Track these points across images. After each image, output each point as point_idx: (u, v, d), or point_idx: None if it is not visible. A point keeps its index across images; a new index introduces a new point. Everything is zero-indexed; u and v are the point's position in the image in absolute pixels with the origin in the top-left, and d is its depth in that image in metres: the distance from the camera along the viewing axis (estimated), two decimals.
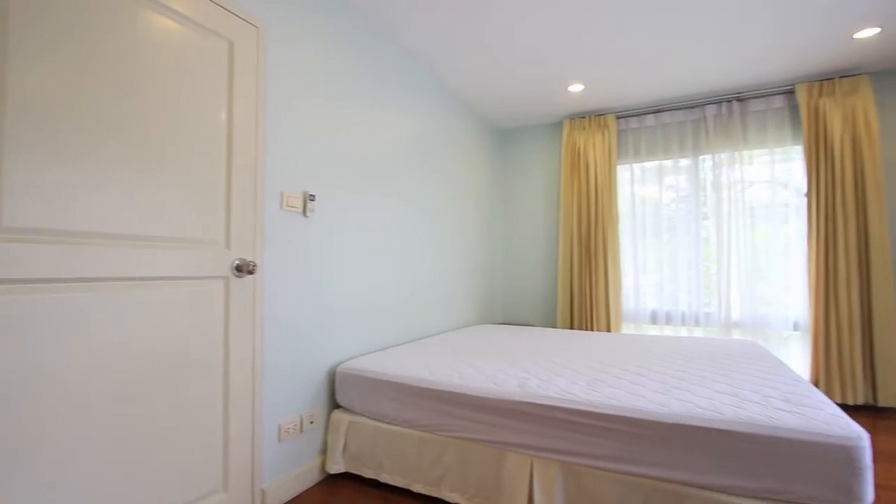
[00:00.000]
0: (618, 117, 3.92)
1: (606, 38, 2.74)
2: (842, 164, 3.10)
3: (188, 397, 1.54)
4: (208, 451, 1.61)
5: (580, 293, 3.90)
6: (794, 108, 3.38)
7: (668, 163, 3.81)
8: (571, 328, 3.95)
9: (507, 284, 4.46)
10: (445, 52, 2.93)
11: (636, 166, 3.91)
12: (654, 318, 3.79)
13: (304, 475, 2.00)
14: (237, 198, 1.72)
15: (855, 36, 2.70)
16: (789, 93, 3.38)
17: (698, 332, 3.62)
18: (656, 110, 3.78)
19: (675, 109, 3.72)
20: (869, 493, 1.27)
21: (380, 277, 2.60)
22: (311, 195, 2.05)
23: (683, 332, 3.67)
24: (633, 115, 3.87)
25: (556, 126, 4.27)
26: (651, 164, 3.87)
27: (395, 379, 1.99)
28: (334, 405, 2.20)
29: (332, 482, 2.06)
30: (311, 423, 2.06)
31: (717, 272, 3.55)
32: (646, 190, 3.90)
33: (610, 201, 3.82)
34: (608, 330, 3.76)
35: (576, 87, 3.46)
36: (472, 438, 1.78)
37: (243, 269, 1.70)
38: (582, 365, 2.14)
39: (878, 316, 2.99)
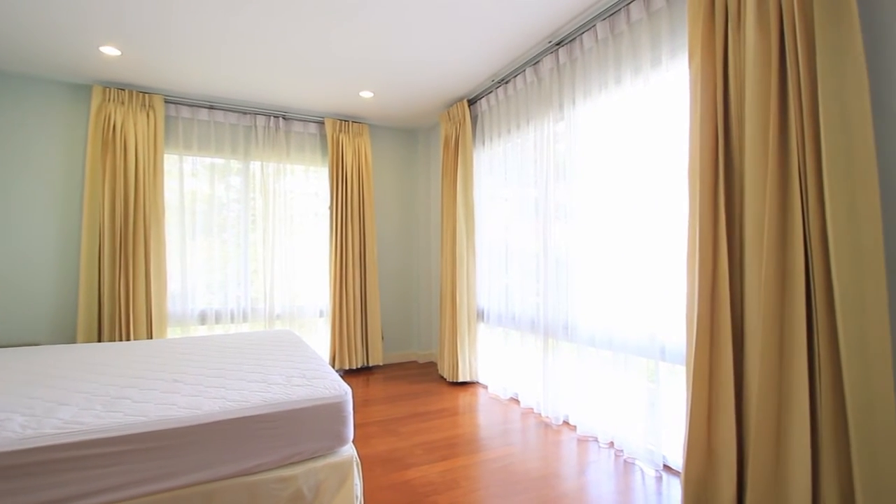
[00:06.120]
0: (167, 101, 3.57)
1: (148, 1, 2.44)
2: (352, 185, 4.11)
3: None
4: None
5: (112, 298, 3.27)
6: (324, 137, 4.18)
7: (220, 161, 3.82)
8: (100, 341, 3.26)
9: None
10: None
11: (188, 158, 3.69)
12: (203, 319, 3.70)
13: None
14: None
15: (360, 94, 3.64)
16: (322, 123, 4.14)
17: (246, 328, 3.82)
18: (210, 106, 3.71)
19: (229, 111, 3.78)
20: (350, 432, 1.74)
21: None
22: None
23: (233, 329, 3.78)
24: (185, 104, 3.63)
25: (84, 90, 3.40)
26: (205, 160, 3.76)
27: None
28: None
29: None
30: None
31: (262, 271, 3.88)
32: (198, 185, 3.75)
33: (155, 192, 3.42)
34: (150, 337, 3.35)
35: (110, 51, 2.87)
36: None
37: None
38: (103, 384, 1.81)
39: (369, 300, 4.16)
